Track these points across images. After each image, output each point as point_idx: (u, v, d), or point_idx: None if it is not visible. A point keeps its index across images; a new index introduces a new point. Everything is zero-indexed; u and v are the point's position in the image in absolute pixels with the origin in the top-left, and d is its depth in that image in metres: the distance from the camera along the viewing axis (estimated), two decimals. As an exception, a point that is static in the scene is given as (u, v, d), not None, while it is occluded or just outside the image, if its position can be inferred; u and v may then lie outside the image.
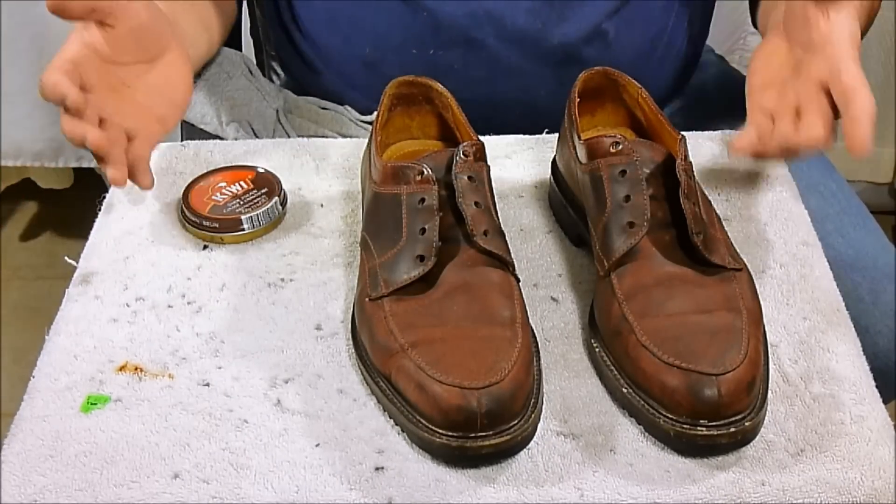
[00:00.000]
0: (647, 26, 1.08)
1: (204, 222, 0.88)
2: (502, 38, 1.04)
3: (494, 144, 0.95)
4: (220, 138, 1.10)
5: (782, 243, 0.87)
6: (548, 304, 0.82)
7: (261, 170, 0.93)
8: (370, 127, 0.89)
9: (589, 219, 0.80)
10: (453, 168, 0.77)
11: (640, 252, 0.76)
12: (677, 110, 1.18)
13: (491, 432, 0.67)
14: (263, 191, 0.90)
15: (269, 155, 0.98)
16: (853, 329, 0.79)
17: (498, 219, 0.79)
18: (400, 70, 0.90)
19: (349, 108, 1.14)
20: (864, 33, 0.94)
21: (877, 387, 0.75)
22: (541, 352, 0.75)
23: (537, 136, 1.00)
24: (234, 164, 0.94)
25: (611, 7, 1.04)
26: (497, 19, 1.04)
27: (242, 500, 0.68)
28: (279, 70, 1.29)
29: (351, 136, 1.11)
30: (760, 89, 0.88)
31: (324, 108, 1.15)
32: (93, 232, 0.90)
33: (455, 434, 0.67)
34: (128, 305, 0.82)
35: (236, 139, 1.10)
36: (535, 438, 0.70)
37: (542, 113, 1.02)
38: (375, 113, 0.87)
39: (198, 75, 1.15)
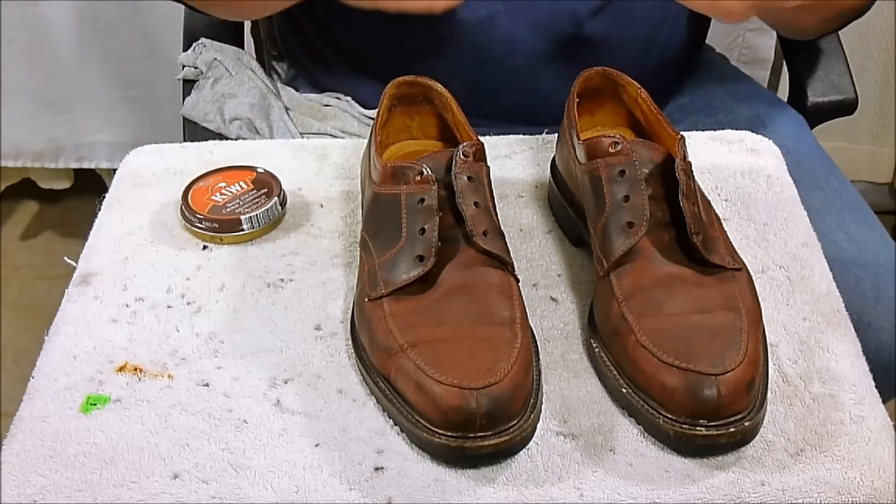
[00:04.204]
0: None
1: (203, 222, 0.88)
2: (514, 16, 1.04)
3: (494, 144, 0.95)
4: (223, 136, 1.10)
5: (782, 244, 0.87)
6: (547, 304, 0.82)
7: (260, 170, 0.93)
8: (372, 123, 0.89)
9: (588, 219, 0.80)
10: (453, 168, 0.77)
11: (640, 252, 0.76)
12: (677, 108, 1.18)
13: (490, 432, 0.67)
14: (263, 191, 0.90)
15: (268, 155, 0.98)
16: (853, 329, 0.79)
17: (497, 219, 0.79)
18: (414, 55, 0.89)
19: (352, 102, 1.14)
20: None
21: (879, 383, 0.75)
22: (540, 352, 0.75)
23: (537, 136, 1.00)
24: (233, 164, 0.94)
25: None
26: None
27: (242, 500, 0.68)
28: (280, 69, 1.29)
29: (354, 134, 1.11)
30: None
31: (326, 105, 1.15)
32: (92, 232, 0.90)
33: (454, 434, 0.67)
34: (127, 306, 0.82)
35: (239, 137, 1.10)
36: (534, 438, 0.70)
37: (548, 98, 1.01)
38: (377, 110, 0.87)
39: (200, 75, 1.15)
